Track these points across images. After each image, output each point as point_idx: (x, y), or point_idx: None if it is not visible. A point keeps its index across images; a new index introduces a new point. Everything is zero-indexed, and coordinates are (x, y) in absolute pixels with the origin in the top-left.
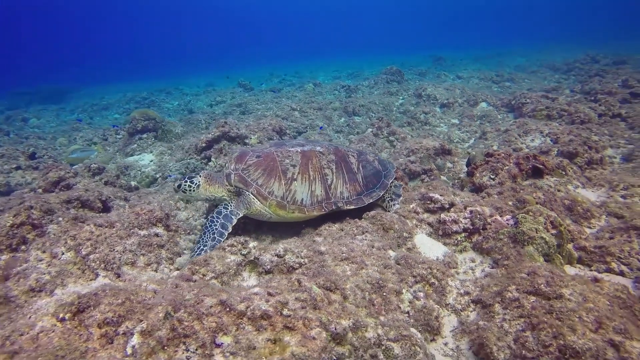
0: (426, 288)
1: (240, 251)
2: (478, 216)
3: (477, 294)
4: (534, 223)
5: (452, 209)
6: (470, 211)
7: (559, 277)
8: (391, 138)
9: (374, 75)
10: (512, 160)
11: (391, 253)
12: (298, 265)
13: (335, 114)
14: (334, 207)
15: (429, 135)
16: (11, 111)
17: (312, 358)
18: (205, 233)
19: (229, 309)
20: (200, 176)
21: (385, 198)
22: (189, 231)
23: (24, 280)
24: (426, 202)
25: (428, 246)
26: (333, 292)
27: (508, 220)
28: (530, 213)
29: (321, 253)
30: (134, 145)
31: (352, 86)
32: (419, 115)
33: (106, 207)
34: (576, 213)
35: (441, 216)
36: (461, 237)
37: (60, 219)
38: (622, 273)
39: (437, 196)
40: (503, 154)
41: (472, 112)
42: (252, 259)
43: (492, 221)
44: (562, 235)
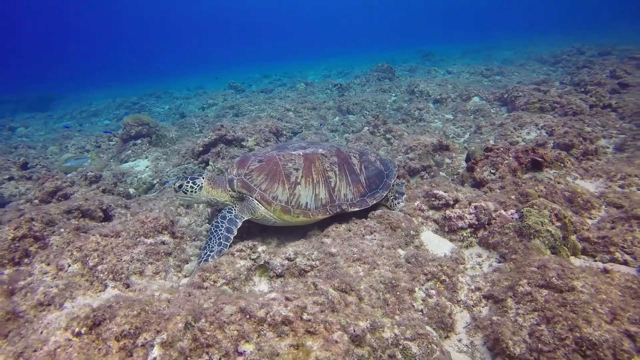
0: (437, 285)
1: (249, 256)
2: (483, 211)
3: (488, 289)
4: (539, 216)
5: (457, 205)
6: (475, 207)
7: (570, 270)
8: (388, 135)
9: (365, 72)
10: (512, 154)
11: (401, 252)
12: (310, 267)
13: (329, 113)
14: (339, 210)
15: (426, 131)
16: None
17: None
18: (210, 239)
19: (249, 316)
20: (203, 178)
21: (388, 197)
22: (194, 237)
23: (32, 294)
24: (430, 199)
25: (435, 243)
26: (348, 294)
27: (512, 214)
28: (534, 206)
29: (332, 255)
30: (129, 151)
31: (344, 84)
32: (414, 111)
33: (107, 216)
34: (577, 204)
35: (446, 212)
36: (467, 233)
37: (62, 230)
38: (626, 262)
39: (442, 193)
40: (502, 148)
41: (466, 107)
42: (262, 264)
43: (497, 216)
44: (567, 227)
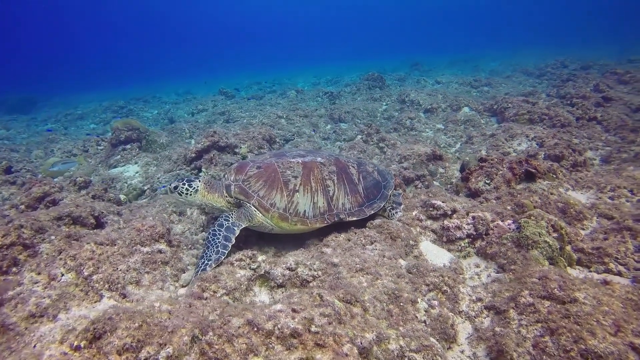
0: (439, 296)
1: (249, 265)
2: (481, 222)
3: (490, 300)
4: (537, 227)
5: (455, 215)
6: (472, 217)
7: (571, 281)
8: (381, 144)
9: (354, 81)
10: (506, 164)
11: (402, 262)
12: (312, 278)
13: (321, 121)
14: (336, 219)
15: (419, 141)
16: None
17: None
18: (208, 247)
19: (257, 329)
20: (199, 181)
21: (386, 208)
22: (191, 246)
23: (22, 305)
24: (429, 209)
25: (434, 253)
26: (353, 305)
27: (510, 225)
28: (532, 217)
29: (335, 265)
30: (118, 156)
31: (335, 92)
32: (405, 120)
33: (99, 223)
34: (570, 215)
35: (444, 222)
36: (465, 243)
37: (52, 238)
38: (620, 273)
39: (439, 203)
40: (496, 159)
41: (456, 117)
42: (263, 273)
43: (495, 226)
44: (563, 238)
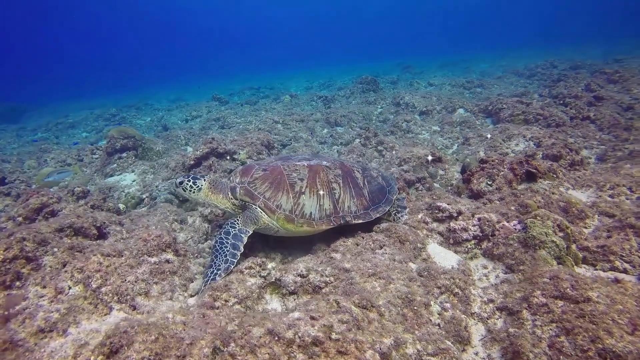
0: (451, 298)
1: (259, 273)
2: (487, 223)
3: (502, 301)
4: (543, 227)
5: (460, 217)
6: (478, 218)
7: (582, 280)
8: (380, 147)
9: (348, 84)
10: (506, 165)
11: (412, 265)
12: (324, 284)
13: (317, 125)
14: (342, 222)
15: (417, 143)
16: None
17: None
18: (216, 256)
19: (278, 338)
20: (204, 180)
21: (391, 212)
22: (197, 254)
23: (30, 320)
24: (434, 212)
25: (442, 255)
26: (369, 310)
27: (515, 225)
28: (538, 217)
29: (347, 270)
30: (114, 165)
31: (329, 96)
32: (401, 123)
33: (102, 234)
34: (572, 214)
35: (450, 224)
36: (471, 245)
37: (55, 250)
38: (626, 271)
39: (445, 205)
40: (497, 160)
41: (452, 119)
42: (273, 281)
43: (500, 227)
44: (569, 237)
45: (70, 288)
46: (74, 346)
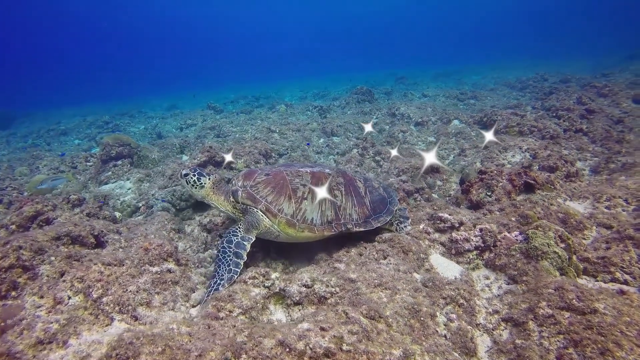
0: (456, 309)
1: (263, 283)
2: (488, 233)
3: (507, 312)
4: (545, 238)
5: (462, 228)
6: (480, 229)
7: (588, 291)
8: (377, 158)
9: (342, 94)
10: (505, 176)
11: (417, 275)
12: (329, 294)
13: (314, 135)
14: (343, 229)
15: (414, 154)
16: None
17: None
18: (219, 266)
19: (289, 349)
20: (209, 179)
21: (393, 222)
22: (198, 264)
23: (29, 331)
24: (436, 222)
25: (444, 266)
26: (377, 321)
27: (516, 236)
28: (539, 228)
29: (352, 280)
30: (109, 172)
31: (325, 106)
32: (398, 134)
33: (99, 242)
34: (570, 225)
35: (452, 235)
36: (473, 255)
37: (52, 259)
38: (626, 282)
39: (447, 216)
40: (495, 171)
41: (447, 130)
42: (277, 291)
43: (502, 238)
44: (570, 248)
45: (70, 298)
46: (76, 358)
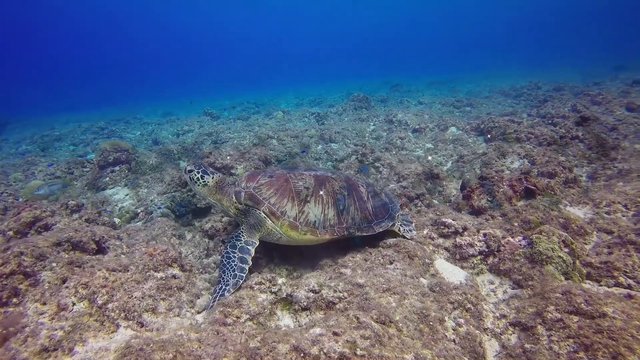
0: (464, 314)
1: (269, 289)
2: (492, 238)
3: (514, 317)
4: (550, 243)
5: (466, 233)
6: (484, 234)
7: (596, 295)
8: (376, 164)
9: (338, 101)
10: (506, 182)
11: (423, 280)
12: (337, 299)
13: (312, 141)
14: (346, 233)
15: (413, 160)
16: None
17: None
18: (224, 271)
19: (304, 354)
20: (212, 178)
21: (397, 227)
22: (202, 269)
23: (33, 339)
24: (440, 227)
25: (449, 271)
26: (388, 326)
27: (520, 241)
28: (543, 233)
29: (360, 286)
30: (106, 178)
31: (322, 113)
32: (396, 140)
33: (100, 248)
34: (571, 230)
35: (456, 240)
36: (477, 260)
37: (53, 265)
38: (630, 287)
39: (450, 221)
40: (496, 177)
41: (444, 137)
42: (285, 296)
43: (506, 243)
44: (574, 253)
45: (74, 304)
46: None
